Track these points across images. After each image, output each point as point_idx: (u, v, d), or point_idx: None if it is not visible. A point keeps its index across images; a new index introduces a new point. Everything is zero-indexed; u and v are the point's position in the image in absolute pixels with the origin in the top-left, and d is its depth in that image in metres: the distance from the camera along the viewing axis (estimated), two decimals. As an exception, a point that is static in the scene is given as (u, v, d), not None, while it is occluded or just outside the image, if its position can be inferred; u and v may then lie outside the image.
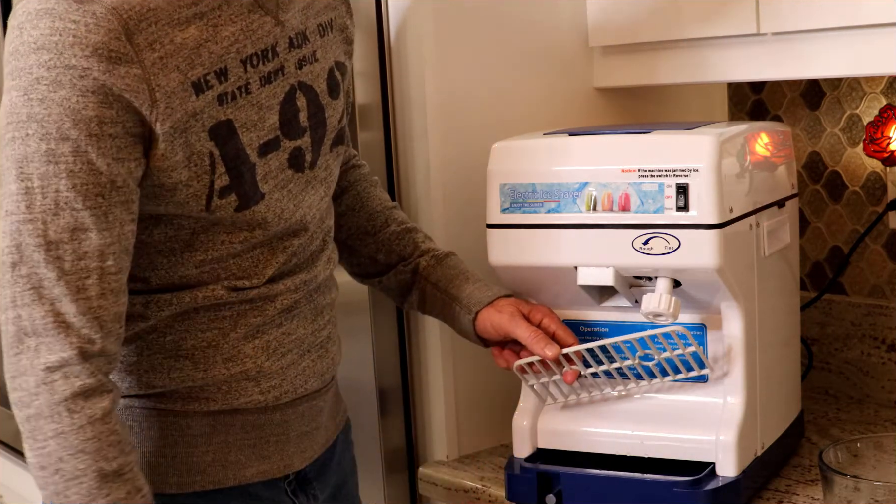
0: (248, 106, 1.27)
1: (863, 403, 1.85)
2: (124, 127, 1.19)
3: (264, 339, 1.34)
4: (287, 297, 1.35)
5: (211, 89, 1.24)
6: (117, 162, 1.19)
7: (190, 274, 1.29)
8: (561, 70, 1.81)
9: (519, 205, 1.46)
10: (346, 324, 1.60)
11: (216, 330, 1.32)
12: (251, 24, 1.28)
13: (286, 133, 1.32)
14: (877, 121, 1.71)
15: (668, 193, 1.37)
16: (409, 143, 1.70)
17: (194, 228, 1.28)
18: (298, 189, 1.34)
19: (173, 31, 1.21)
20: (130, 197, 1.21)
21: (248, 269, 1.32)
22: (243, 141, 1.27)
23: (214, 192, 1.26)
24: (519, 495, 1.51)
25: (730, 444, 1.41)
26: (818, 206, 1.92)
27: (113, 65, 1.17)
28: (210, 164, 1.25)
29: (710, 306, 1.44)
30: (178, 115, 1.21)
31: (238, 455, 1.35)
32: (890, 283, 1.84)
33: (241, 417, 1.34)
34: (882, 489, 1.28)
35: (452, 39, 1.68)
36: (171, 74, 1.20)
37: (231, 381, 1.32)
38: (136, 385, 1.32)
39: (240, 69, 1.26)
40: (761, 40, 1.61)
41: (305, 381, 1.38)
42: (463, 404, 1.70)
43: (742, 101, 2.02)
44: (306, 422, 1.40)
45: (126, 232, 1.21)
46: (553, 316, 1.48)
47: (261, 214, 1.30)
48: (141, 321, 1.29)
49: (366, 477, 1.66)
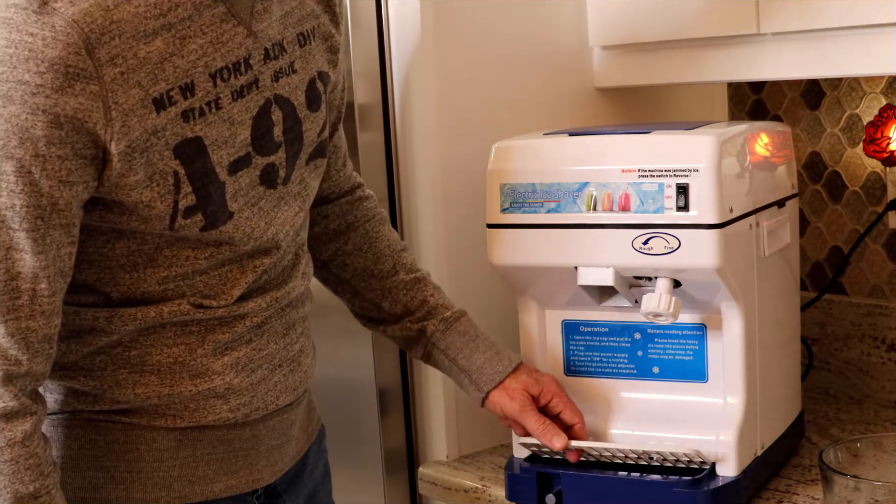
0: (218, 122, 1.22)
1: (863, 403, 1.85)
2: (73, 148, 1.13)
3: (233, 356, 1.29)
4: (257, 314, 1.31)
5: (174, 105, 1.18)
6: (62, 184, 1.14)
7: (153, 290, 1.25)
8: (561, 70, 1.81)
9: (519, 205, 1.46)
10: (345, 324, 1.61)
11: (183, 346, 1.27)
12: (221, 36, 1.22)
13: (258, 149, 1.26)
14: (877, 121, 1.71)
15: (668, 193, 1.37)
16: (409, 143, 1.70)
17: (158, 243, 1.23)
18: (270, 206, 1.29)
19: (138, 45, 1.15)
20: (72, 220, 1.17)
21: (214, 287, 1.27)
22: (213, 159, 1.22)
23: (179, 213, 1.21)
24: (519, 495, 1.50)
25: (730, 444, 1.41)
26: (818, 206, 1.92)
27: (69, 82, 1.11)
28: (174, 183, 1.19)
29: (710, 306, 1.44)
30: (137, 133, 1.16)
31: (206, 470, 1.31)
32: (890, 283, 1.84)
33: (209, 433, 1.30)
34: (882, 489, 1.27)
35: (452, 39, 1.68)
36: (131, 91, 1.15)
37: (198, 398, 1.28)
38: (100, 400, 1.27)
39: (208, 84, 1.21)
40: (761, 40, 1.61)
41: (277, 397, 1.34)
42: (463, 404, 1.70)
43: (742, 101, 2.02)
44: (277, 435, 1.36)
45: (63, 255, 1.17)
46: (561, 394, 1.49)
47: (227, 234, 1.25)
48: (104, 335, 1.25)
49: (366, 477, 1.66)
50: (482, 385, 1.49)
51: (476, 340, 1.50)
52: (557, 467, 1.48)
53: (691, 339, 1.48)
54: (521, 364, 1.51)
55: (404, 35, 1.68)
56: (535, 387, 1.49)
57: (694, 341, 1.48)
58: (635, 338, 1.51)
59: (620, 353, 1.52)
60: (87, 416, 1.28)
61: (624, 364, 1.52)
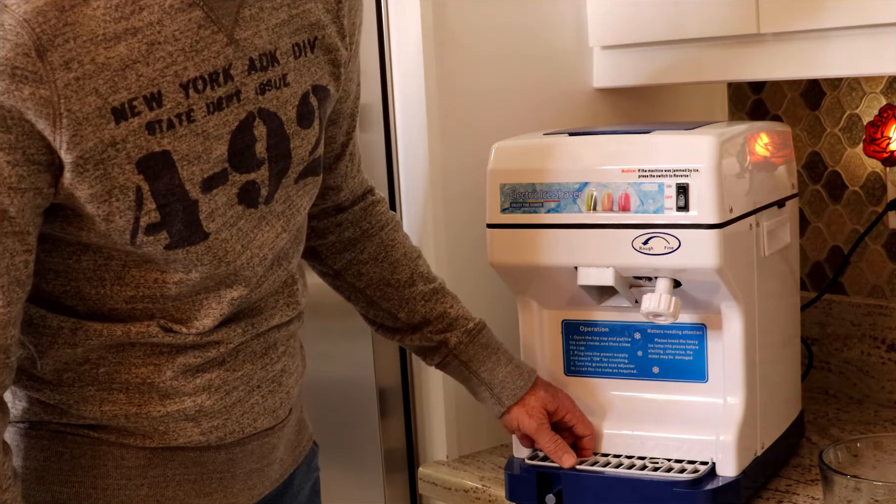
0: (190, 136, 1.13)
1: (863, 403, 1.85)
2: (25, 154, 1.06)
3: (205, 378, 1.22)
4: (231, 341, 1.23)
5: (137, 116, 1.10)
6: (13, 191, 1.07)
7: (119, 308, 1.18)
8: (561, 70, 1.81)
9: (519, 205, 1.46)
10: (346, 324, 1.61)
11: (151, 366, 1.20)
12: (197, 44, 1.12)
13: (236, 165, 1.17)
14: (877, 121, 1.71)
15: (668, 193, 1.37)
16: (409, 143, 1.70)
17: (125, 261, 1.17)
18: (250, 226, 1.21)
19: (96, 49, 1.07)
20: (26, 228, 1.09)
21: (186, 313, 1.20)
22: (182, 175, 1.13)
23: (140, 229, 1.13)
24: (519, 495, 1.50)
25: (730, 444, 1.41)
26: (818, 206, 1.92)
27: (17, 83, 1.04)
28: (136, 199, 1.11)
29: (710, 306, 1.44)
30: (91, 143, 1.08)
31: (176, 491, 1.24)
32: (890, 283, 1.84)
33: (180, 453, 1.24)
34: (882, 489, 1.27)
35: (452, 39, 1.68)
36: (86, 98, 1.07)
37: (167, 419, 1.21)
38: (66, 414, 1.21)
39: (179, 94, 1.12)
40: (761, 40, 1.61)
41: (254, 420, 1.27)
42: (463, 404, 1.70)
43: (742, 101, 2.02)
44: (256, 459, 1.29)
45: (17, 263, 1.10)
46: (574, 409, 1.50)
47: (196, 255, 1.17)
48: (68, 347, 1.19)
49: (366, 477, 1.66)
50: (504, 400, 1.49)
51: (497, 353, 1.50)
52: (557, 467, 1.48)
53: (691, 339, 1.48)
54: (538, 377, 1.52)
55: (404, 35, 1.68)
56: (552, 403, 1.49)
57: (694, 341, 1.48)
58: (635, 338, 1.51)
59: (620, 353, 1.52)
60: (55, 428, 1.22)
61: (624, 364, 1.52)
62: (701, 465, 1.43)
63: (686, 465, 1.44)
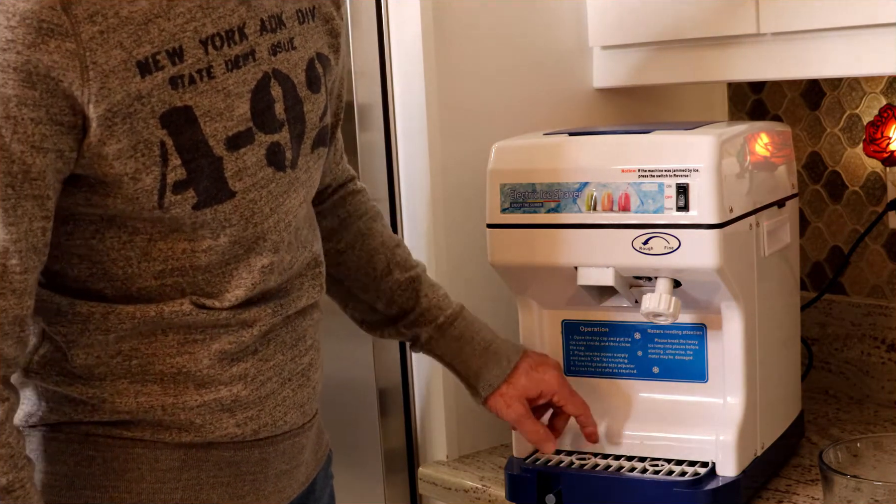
0: (210, 92, 1.14)
1: (863, 403, 1.85)
2: (48, 112, 1.06)
3: (241, 367, 1.22)
4: (263, 321, 1.23)
5: (161, 70, 1.10)
6: (35, 150, 1.06)
7: (149, 286, 1.17)
8: (561, 70, 1.81)
9: (519, 205, 1.46)
10: (345, 324, 1.60)
11: (187, 355, 1.20)
12: (212, 1, 1.14)
13: (259, 125, 1.18)
14: (877, 121, 1.71)
15: (668, 193, 1.37)
16: (409, 143, 1.70)
17: (151, 234, 1.16)
18: (280, 190, 1.22)
19: (119, 3, 1.08)
20: (46, 192, 1.09)
21: (216, 286, 1.20)
22: (205, 131, 1.14)
23: (168, 187, 1.13)
24: (519, 495, 1.50)
25: (730, 444, 1.41)
26: (818, 206, 1.92)
27: (43, 37, 1.04)
28: (161, 154, 1.12)
29: (710, 306, 1.44)
30: (119, 96, 1.08)
31: (210, 493, 1.23)
32: (890, 283, 1.84)
33: (215, 453, 1.23)
34: (882, 489, 1.27)
35: (452, 39, 1.68)
36: (112, 51, 1.07)
37: (204, 410, 1.21)
38: (99, 410, 1.19)
39: (199, 50, 1.13)
40: (761, 40, 1.61)
41: (285, 413, 1.27)
42: (463, 404, 1.70)
43: (742, 101, 2.02)
44: (287, 459, 1.30)
45: (35, 229, 1.09)
46: (562, 390, 1.48)
47: (224, 215, 1.17)
48: (99, 334, 1.18)
49: (366, 477, 1.66)
50: (480, 391, 1.49)
51: (472, 343, 1.49)
52: (557, 467, 1.48)
53: (691, 339, 1.48)
54: (522, 360, 1.49)
55: (404, 35, 1.68)
56: (533, 389, 1.48)
57: (694, 341, 1.48)
58: (635, 338, 1.51)
59: (620, 353, 1.52)
60: (85, 431, 1.20)
61: (624, 364, 1.52)
62: (701, 465, 1.43)
63: (686, 466, 1.44)
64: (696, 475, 1.41)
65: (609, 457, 1.49)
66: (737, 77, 1.72)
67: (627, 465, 1.46)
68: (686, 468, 1.43)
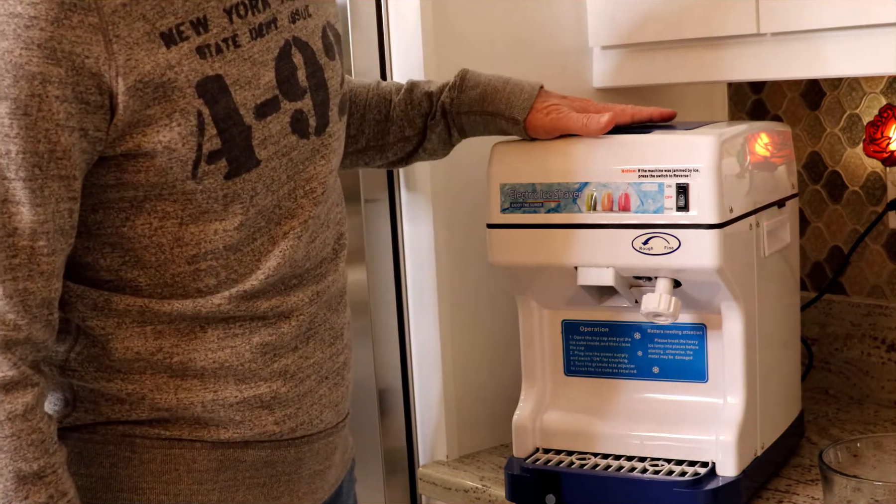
0: (238, 60, 1.14)
1: (863, 403, 1.85)
2: (74, 90, 1.06)
3: (281, 363, 1.23)
4: (302, 311, 1.24)
5: (186, 41, 1.11)
6: (61, 129, 1.06)
7: (183, 271, 1.17)
8: (561, 70, 1.81)
9: (519, 205, 1.46)
10: (346, 324, 1.60)
11: (228, 350, 1.20)
12: None
13: (285, 92, 1.19)
14: (877, 121, 1.71)
15: (668, 193, 1.37)
16: (409, 143, 1.70)
17: (182, 218, 1.16)
18: (302, 157, 1.22)
19: None
20: (72, 172, 1.08)
21: (247, 264, 1.19)
22: (236, 100, 1.14)
23: (203, 157, 1.13)
24: (519, 495, 1.50)
25: (730, 444, 1.41)
26: (818, 206, 1.92)
27: (65, 12, 1.03)
28: (198, 124, 1.11)
29: (710, 306, 1.44)
30: (148, 67, 1.08)
31: (246, 495, 1.23)
32: (890, 283, 1.84)
33: (252, 452, 1.23)
34: (882, 489, 1.27)
35: (452, 39, 1.68)
36: (134, 24, 1.07)
37: (243, 407, 1.21)
38: (138, 408, 1.19)
39: (223, 19, 1.14)
40: (761, 40, 1.61)
41: (321, 412, 1.28)
42: (463, 404, 1.70)
43: (742, 101, 2.02)
44: (320, 460, 1.30)
45: (62, 210, 1.09)
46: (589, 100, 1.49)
47: (251, 184, 1.17)
48: (137, 326, 1.18)
49: (366, 477, 1.66)
50: (517, 115, 1.46)
51: (490, 84, 1.49)
52: (557, 467, 1.48)
53: (691, 339, 1.48)
54: (542, 87, 1.49)
55: (404, 35, 1.68)
56: (563, 99, 1.47)
57: (694, 341, 1.48)
58: (635, 338, 1.51)
59: (620, 353, 1.52)
60: (122, 431, 1.20)
61: (624, 364, 1.52)
62: (701, 465, 1.43)
63: (686, 466, 1.44)
64: (697, 475, 1.41)
65: (609, 457, 1.49)
66: (737, 77, 1.72)
67: (627, 465, 1.46)
68: (686, 468, 1.43)
